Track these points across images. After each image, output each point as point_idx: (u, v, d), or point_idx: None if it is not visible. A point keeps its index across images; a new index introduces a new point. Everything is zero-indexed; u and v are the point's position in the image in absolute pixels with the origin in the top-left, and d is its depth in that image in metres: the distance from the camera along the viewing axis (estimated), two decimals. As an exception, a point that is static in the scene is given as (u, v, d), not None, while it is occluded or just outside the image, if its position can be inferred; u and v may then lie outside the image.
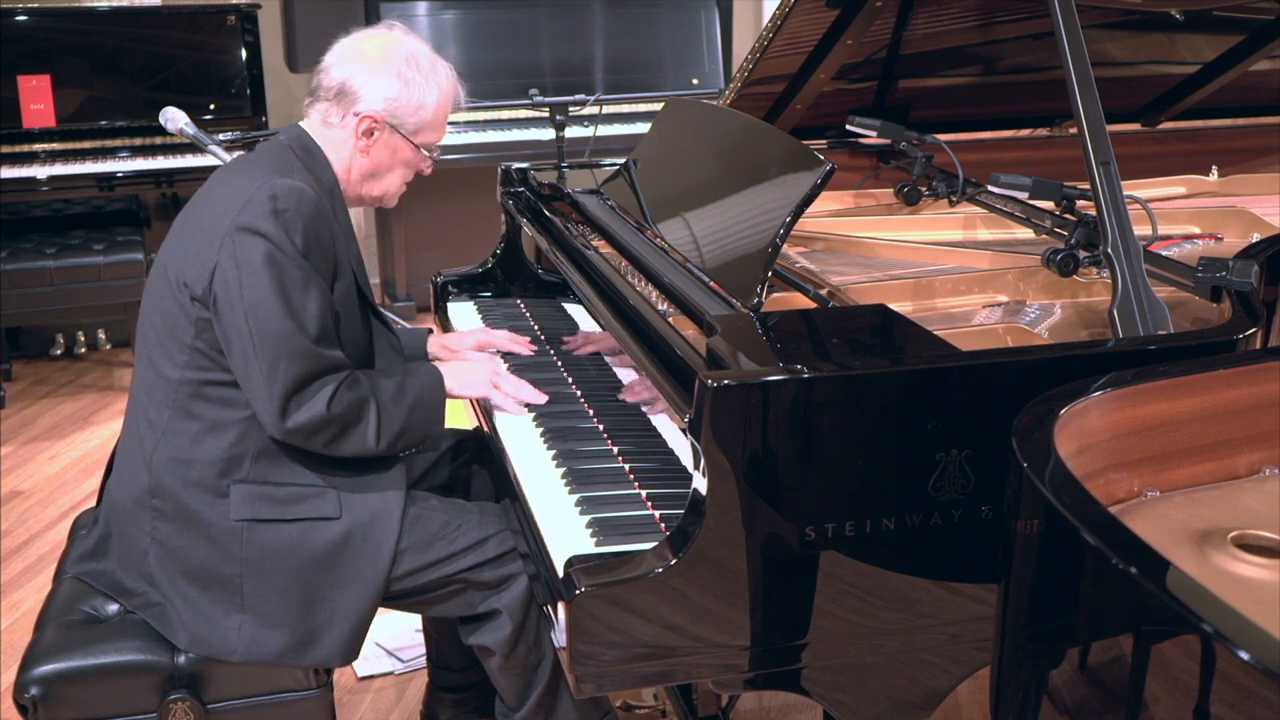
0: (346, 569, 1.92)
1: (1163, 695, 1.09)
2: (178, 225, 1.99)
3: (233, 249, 1.85)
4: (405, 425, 1.96)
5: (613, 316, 1.99)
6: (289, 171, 1.93)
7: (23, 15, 4.45)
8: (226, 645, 1.89)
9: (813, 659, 1.61)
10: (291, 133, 2.05)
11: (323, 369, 1.87)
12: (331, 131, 2.03)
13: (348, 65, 2.02)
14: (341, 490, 1.94)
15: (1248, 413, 1.50)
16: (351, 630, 1.93)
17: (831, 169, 1.88)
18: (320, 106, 2.04)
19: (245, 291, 1.83)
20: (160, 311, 1.94)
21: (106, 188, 4.51)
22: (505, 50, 5.05)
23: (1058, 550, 1.23)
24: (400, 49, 2.03)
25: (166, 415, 1.92)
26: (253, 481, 1.91)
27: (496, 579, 1.98)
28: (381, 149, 2.04)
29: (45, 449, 4.13)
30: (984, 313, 2.06)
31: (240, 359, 1.86)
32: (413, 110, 2.02)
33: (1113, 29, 2.75)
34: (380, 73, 2.01)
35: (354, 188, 2.08)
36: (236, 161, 2.06)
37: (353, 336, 2.00)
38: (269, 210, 1.85)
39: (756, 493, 1.52)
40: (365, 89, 2.00)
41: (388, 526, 1.94)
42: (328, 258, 1.93)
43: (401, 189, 2.14)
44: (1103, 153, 1.84)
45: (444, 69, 2.08)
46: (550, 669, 2.02)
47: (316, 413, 1.86)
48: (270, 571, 1.89)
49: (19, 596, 3.18)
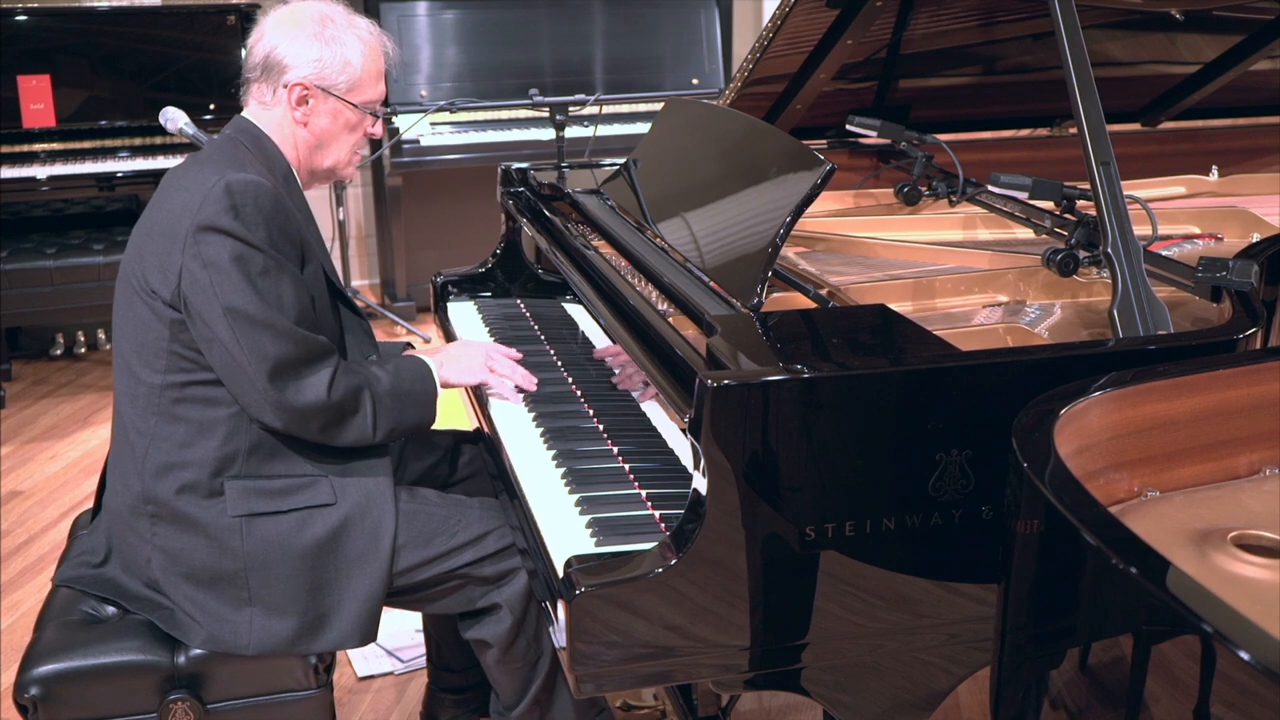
0: (349, 551, 1.92)
1: (1163, 695, 1.09)
2: (136, 232, 1.98)
3: (196, 250, 1.84)
4: (399, 415, 1.98)
5: (613, 316, 1.99)
6: (242, 165, 1.91)
7: (23, 15, 4.45)
8: (239, 640, 1.89)
9: (813, 659, 1.61)
10: (236, 125, 2.04)
11: (311, 352, 1.88)
12: (269, 111, 2.02)
13: (269, 38, 2.00)
14: (333, 477, 1.94)
15: (1248, 413, 1.50)
16: (361, 610, 1.93)
17: (831, 169, 1.88)
18: (253, 90, 2.03)
19: (218, 290, 1.83)
20: (132, 320, 1.93)
21: (106, 188, 4.51)
22: (505, 50, 5.05)
23: (1058, 550, 1.23)
24: (312, 11, 2.01)
25: (153, 422, 1.91)
26: (246, 476, 1.91)
27: (496, 574, 1.98)
28: (320, 116, 2.02)
29: (45, 449, 4.13)
30: (984, 313, 2.06)
31: (223, 356, 1.85)
32: (340, 68, 2.00)
33: (1113, 29, 2.75)
34: (298, 38, 1.98)
35: (305, 165, 2.06)
36: (187, 162, 2.04)
37: (324, 321, 2.00)
38: (227, 206, 1.84)
39: (756, 493, 1.52)
40: (290, 56, 1.98)
41: (383, 505, 1.95)
42: (294, 244, 1.92)
43: (354, 158, 2.11)
44: (1103, 153, 1.84)
45: (363, 22, 2.06)
46: (548, 666, 2.02)
47: (317, 396, 1.87)
48: (273, 563, 1.90)
49: (19, 596, 3.18)
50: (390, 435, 1.98)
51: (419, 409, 2.03)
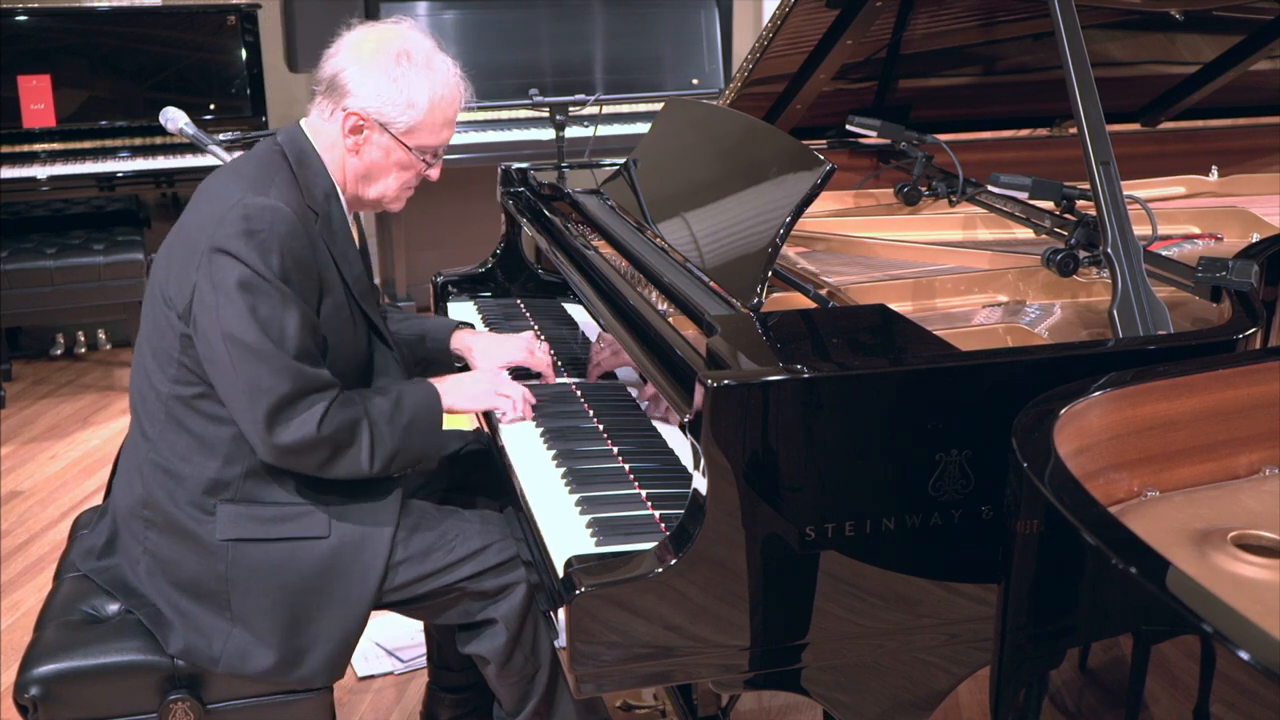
0: (333, 590, 1.90)
1: (1163, 695, 1.09)
2: (171, 235, 1.95)
3: (209, 270, 1.80)
4: (401, 445, 1.91)
5: (613, 316, 1.99)
6: (268, 185, 1.86)
7: (23, 15, 4.45)
8: (212, 657, 1.88)
9: (813, 659, 1.61)
10: (288, 134, 1.98)
11: (307, 387, 1.82)
12: (326, 127, 1.96)
13: (343, 57, 1.94)
14: (332, 510, 1.91)
15: (1248, 413, 1.50)
16: (336, 651, 1.91)
17: (831, 169, 1.88)
18: (317, 102, 1.97)
19: (221, 314, 1.79)
20: (152, 322, 1.92)
21: (106, 188, 4.51)
22: (505, 50, 5.05)
23: (1058, 550, 1.23)
24: (396, 43, 1.93)
25: (159, 427, 1.91)
26: (240, 501, 1.88)
27: (495, 588, 1.96)
28: (372, 149, 1.95)
29: (45, 449, 4.13)
30: (984, 313, 2.06)
31: (222, 381, 1.83)
32: (402, 108, 1.92)
33: (1113, 29, 2.75)
34: (371, 66, 1.91)
35: (350, 190, 2.00)
36: (226, 168, 2.00)
37: (346, 354, 1.95)
38: (241, 231, 1.79)
39: (756, 493, 1.52)
40: (354, 83, 1.91)
41: (377, 547, 1.91)
42: (309, 276, 1.86)
43: (404, 193, 2.04)
44: (1103, 153, 1.84)
45: (444, 66, 1.97)
46: (547, 678, 2.00)
47: (306, 433, 1.81)
48: (255, 591, 1.88)
49: (19, 596, 3.18)
50: (390, 465, 1.91)
51: (424, 438, 1.96)
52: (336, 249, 1.94)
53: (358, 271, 1.99)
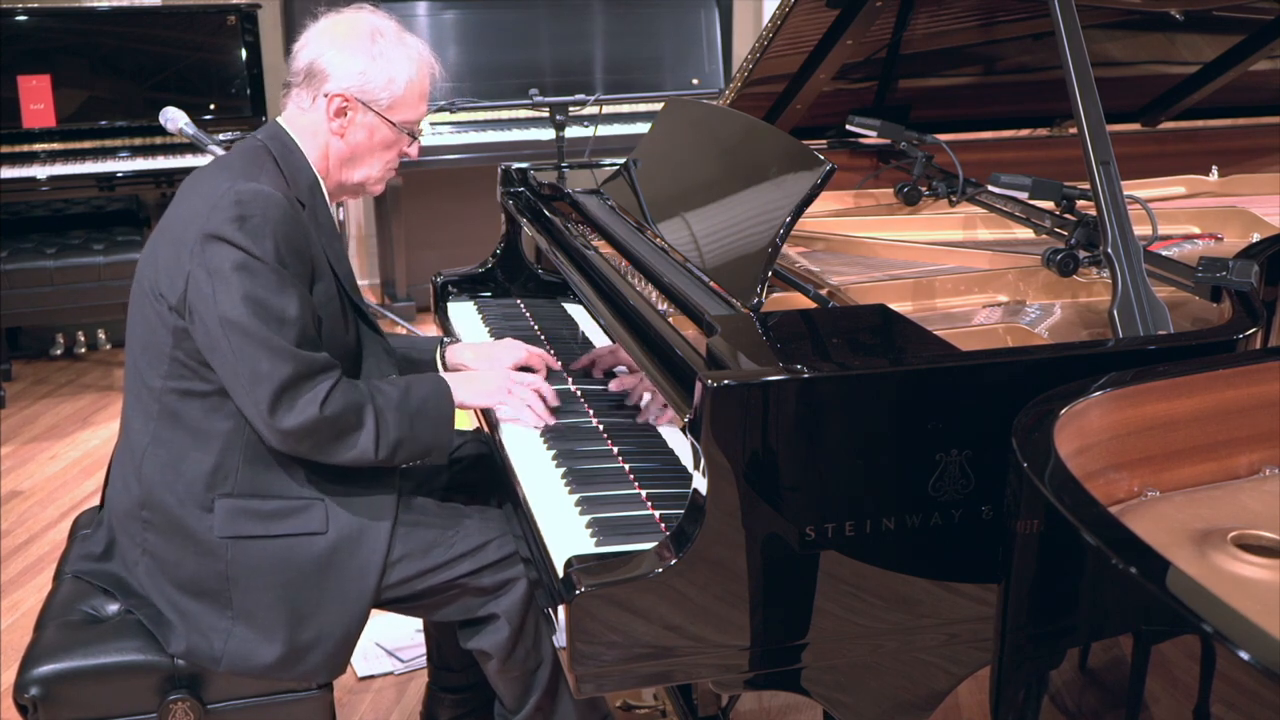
0: (332, 584, 1.90)
1: (1163, 695, 1.09)
2: (155, 232, 1.96)
3: (203, 258, 1.81)
4: (407, 434, 1.92)
5: (613, 316, 1.99)
6: (257, 174, 1.89)
7: (23, 15, 4.45)
8: (214, 656, 1.88)
9: (813, 659, 1.61)
10: (268, 130, 2.01)
11: (309, 370, 1.83)
12: (306, 117, 1.99)
13: (316, 45, 1.98)
14: (330, 503, 1.91)
15: (1248, 413, 1.50)
16: (337, 646, 1.92)
17: (831, 169, 1.88)
18: (294, 94, 2.00)
19: (219, 300, 1.80)
20: (141, 321, 1.93)
21: (106, 188, 4.51)
22: (505, 50, 5.05)
23: (1058, 550, 1.23)
24: (367, 24, 1.98)
25: (153, 425, 1.91)
26: (239, 495, 1.88)
27: (495, 584, 1.96)
28: (357, 130, 1.99)
29: (45, 449, 4.13)
30: (984, 313, 2.06)
31: (223, 368, 1.83)
32: (384, 84, 1.96)
33: (1113, 29, 2.75)
34: (346, 48, 1.95)
35: (334, 176, 2.03)
36: (209, 165, 2.02)
37: (336, 340, 1.96)
38: (235, 216, 1.81)
39: (756, 493, 1.52)
40: (333, 66, 1.95)
41: (375, 541, 1.91)
42: (302, 260, 1.88)
43: (385, 175, 2.08)
44: (1103, 153, 1.84)
45: (414, 41, 2.02)
46: (549, 673, 2.00)
47: (309, 415, 1.82)
48: (256, 588, 1.88)
49: (19, 596, 3.18)
50: (397, 455, 1.91)
51: (433, 428, 1.96)
52: (324, 238, 1.97)
53: (344, 260, 2.02)
